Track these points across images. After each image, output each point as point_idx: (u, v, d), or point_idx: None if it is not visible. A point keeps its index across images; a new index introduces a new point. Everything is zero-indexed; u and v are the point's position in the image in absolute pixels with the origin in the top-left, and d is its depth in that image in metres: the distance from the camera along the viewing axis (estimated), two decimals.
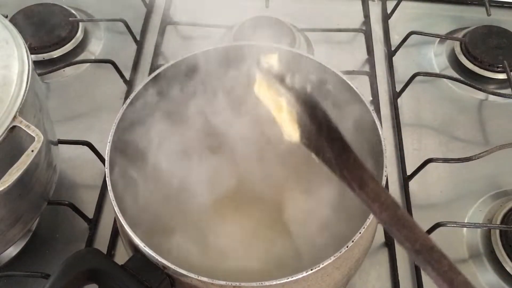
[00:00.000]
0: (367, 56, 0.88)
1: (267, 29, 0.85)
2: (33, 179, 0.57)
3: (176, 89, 0.63)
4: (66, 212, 0.68)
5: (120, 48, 0.89)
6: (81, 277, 0.47)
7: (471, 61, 0.85)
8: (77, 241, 0.68)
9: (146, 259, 0.48)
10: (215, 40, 0.89)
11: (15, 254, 0.67)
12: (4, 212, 0.55)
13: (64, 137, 0.72)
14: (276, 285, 0.46)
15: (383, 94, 0.83)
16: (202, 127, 0.66)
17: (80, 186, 0.74)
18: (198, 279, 0.46)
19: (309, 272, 0.46)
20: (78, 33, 0.88)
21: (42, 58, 0.84)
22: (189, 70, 0.63)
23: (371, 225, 0.50)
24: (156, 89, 0.61)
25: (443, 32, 0.90)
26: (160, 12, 0.93)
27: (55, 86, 0.84)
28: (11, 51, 0.54)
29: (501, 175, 0.75)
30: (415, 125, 0.80)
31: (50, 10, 0.88)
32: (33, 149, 0.50)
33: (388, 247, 0.68)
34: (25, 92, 0.52)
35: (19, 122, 0.50)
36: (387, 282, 0.66)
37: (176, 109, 0.64)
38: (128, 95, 0.71)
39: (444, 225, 0.66)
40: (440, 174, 0.74)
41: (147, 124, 0.62)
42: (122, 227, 0.51)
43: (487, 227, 0.68)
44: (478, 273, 0.66)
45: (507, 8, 0.94)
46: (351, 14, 0.94)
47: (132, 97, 0.58)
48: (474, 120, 0.81)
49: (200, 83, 0.65)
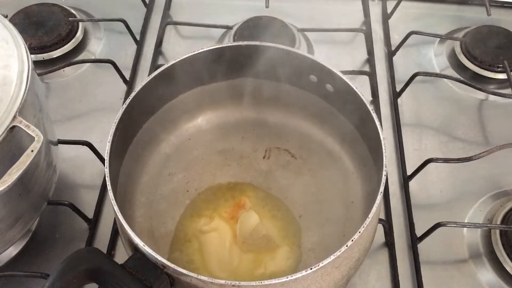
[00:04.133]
0: (367, 56, 0.88)
1: (267, 29, 0.85)
2: (33, 179, 0.57)
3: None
4: (66, 212, 0.68)
5: (120, 48, 0.89)
6: (80, 276, 0.47)
7: (471, 61, 0.85)
8: (77, 241, 0.68)
9: (146, 258, 0.48)
10: (215, 40, 0.89)
11: (15, 254, 0.67)
12: (4, 212, 0.55)
13: (64, 137, 0.72)
14: (275, 284, 0.46)
15: (383, 94, 0.83)
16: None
17: (80, 186, 0.74)
18: (198, 278, 0.46)
19: (309, 272, 0.46)
20: (78, 33, 0.88)
21: (42, 58, 0.84)
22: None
23: (370, 224, 0.50)
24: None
25: (443, 32, 0.90)
26: (160, 12, 0.93)
27: (55, 86, 0.84)
28: (11, 51, 0.54)
29: (501, 175, 0.75)
30: (415, 125, 0.80)
31: (50, 10, 0.88)
32: (33, 149, 0.50)
33: (388, 247, 0.68)
34: (25, 92, 0.52)
35: (19, 122, 0.50)
36: (387, 282, 0.66)
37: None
38: (128, 95, 0.71)
39: (444, 225, 0.66)
40: (440, 174, 0.74)
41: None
42: (122, 227, 0.51)
43: (487, 227, 0.68)
44: (478, 273, 0.66)
45: (507, 8, 0.94)
46: (351, 14, 0.94)
47: (132, 97, 0.59)
48: (474, 120, 0.81)
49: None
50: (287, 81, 0.67)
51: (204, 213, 0.64)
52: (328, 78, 0.62)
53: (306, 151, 0.69)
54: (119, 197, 0.56)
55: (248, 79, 0.68)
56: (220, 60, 0.64)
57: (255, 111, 0.71)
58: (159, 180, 0.67)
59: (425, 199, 0.72)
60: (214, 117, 0.71)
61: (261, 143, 0.70)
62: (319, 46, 0.88)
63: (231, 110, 0.71)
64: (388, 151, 0.76)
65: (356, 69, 0.85)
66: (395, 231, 0.69)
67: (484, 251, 0.67)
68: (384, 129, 0.77)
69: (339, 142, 0.68)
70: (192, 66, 0.63)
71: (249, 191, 0.66)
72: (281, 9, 0.91)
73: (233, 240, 0.61)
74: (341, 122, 0.66)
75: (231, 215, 0.63)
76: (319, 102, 0.66)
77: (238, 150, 0.70)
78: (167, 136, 0.69)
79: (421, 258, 0.66)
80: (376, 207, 0.50)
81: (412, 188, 0.73)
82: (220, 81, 0.68)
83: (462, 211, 0.71)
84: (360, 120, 0.62)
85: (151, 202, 0.65)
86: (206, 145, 0.70)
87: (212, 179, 0.67)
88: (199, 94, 0.68)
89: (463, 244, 0.69)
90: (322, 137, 0.70)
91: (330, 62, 0.61)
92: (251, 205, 0.64)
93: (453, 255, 0.68)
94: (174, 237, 0.63)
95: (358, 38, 0.90)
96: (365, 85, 0.83)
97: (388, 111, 0.81)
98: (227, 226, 0.62)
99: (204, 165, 0.68)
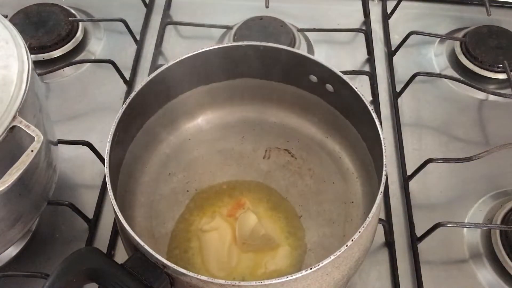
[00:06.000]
0: (367, 56, 0.88)
1: (267, 29, 0.85)
2: (33, 179, 0.57)
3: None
4: (66, 212, 0.68)
5: (120, 48, 0.89)
6: (80, 276, 0.47)
7: (471, 61, 0.85)
8: (77, 241, 0.68)
9: (146, 258, 0.48)
10: (215, 40, 0.89)
11: (15, 254, 0.67)
12: (4, 212, 0.55)
13: (64, 137, 0.72)
14: (275, 284, 0.46)
15: (383, 94, 0.83)
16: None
17: (80, 186, 0.74)
18: (198, 278, 0.46)
19: (309, 271, 0.46)
20: (78, 33, 0.88)
21: (42, 58, 0.84)
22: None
23: (370, 224, 0.50)
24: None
25: (443, 32, 0.90)
26: (160, 12, 0.93)
27: (55, 86, 0.84)
28: (11, 51, 0.54)
29: (501, 175, 0.75)
30: (415, 125, 0.80)
31: (50, 10, 0.88)
32: (33, 149, 0.50)
33: (388, 247, 0.68)
34: (25, 92, 0.52)
35: (19, 122, 0.50)
36: (387, 282, 0.66)
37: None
38: (128, 95, 0.71)
39: (444, 225, 0.65)
40: (440, 174, 0.74)
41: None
42: (122, 227, 0.51)
43: (487, 227, 0.68)
44: (478, 273, 0.66)
45: (507, 8, 0.94)
46: (351, 14, 0.94)
47: (132, 97, 0.59)
48: (474, 120, 0.81)
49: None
50: (287, 81, 0.67)
51: (204, 212, 0.64)
52: (328, 78, 0.62)
53: (306, 151, 0.69)
54: (119, 197, 0.56)
55: (248, 79, 0.68)
56: (220, 60, 0.64)
57: (255, 111, 0.71)
58: (159, 180, 0.67)
59: (425, 199, 0.72)
60: (214, 117, 0.71)
61: (261, 143, 0.70)
62: (319, 46, 0.88)
63: (231, 110, 0.71)
64: (388, 151, 0.76)
65: (356, 69, 0.85)
66: (395, 231, 0.69)
67: (484, 251, 0.67)
68: (384, 129, 0.77)
69: (339, 142, 0.69)
70: (192, 66, 0.63)
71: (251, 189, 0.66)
72: (281, 9, 0.91)
73: (234, 239, 0.61)
74: (341, 122, 0.66)
75: (232, 214, 0.63)
76: (319, 102, 0.66)
77: (238, 150, 0.70)
78: (167, 136, 0.69)
79: (421, 258, 0.66)
80: (376, 207, 0.50)
81: (412, 188, 0.73)
82: (220, 81, 0.68)
83: (462, 211, 0.71)
84: (360, 120, 0.62)
85: (151, 202, 0.65)
86: (206, 145, 0.70)
87: (212, 179, 0.67)
88: (199, 94, 0.68)
89: (463, 244, 0.69)
90: (322, 137, 0.70)
91: (330, 62, 0.61)
92: (250, 205, 0.64)
93: (453, 255, 0.68)
94: (173, 236, 0.63)
95: (358, 38, 0.90)
96: (365, 85, 0.83)
97: (388, 111, 0.81)
98: (228, 226, 0.62)
99: (204, 165, 0.68)
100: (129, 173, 0.64)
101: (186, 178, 0.67)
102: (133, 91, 0.59)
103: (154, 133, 0.67)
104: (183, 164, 0.68)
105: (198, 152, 0.70)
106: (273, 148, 0.70)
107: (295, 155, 0.69)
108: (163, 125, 0.68)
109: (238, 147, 0.70)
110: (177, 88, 0.66)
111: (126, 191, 0.63)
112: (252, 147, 0.70)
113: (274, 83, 0.67)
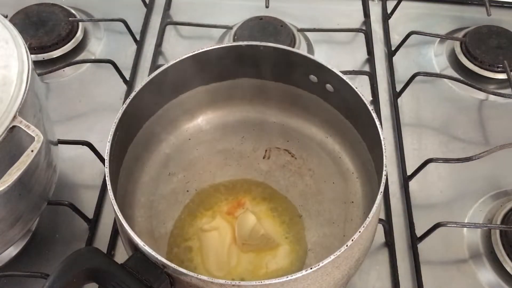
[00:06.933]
0: (367, 56, 0.88)
1: (267, 29, 0.85)
2: (33, 179, 0.57)
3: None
4: (66, 212, 0.68)
5: (120, 48, 0.89)
6: (80, 276, 0.47)
7: (471, 61, 0.85)
8: (77, 241, 0.68)
9: (146, 258, 0.48)
10: (215, 40, 0.89)
11: (15, 254, 0.67)
12: (4, 212, 0.55)
13: (64, 137, 0.72)
14: (275, 284, 0.46)
15: (383, 94, 0.83)
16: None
17: (80, 186, 0.74)
18: (198, 278, 0.46)
19: (309, 271, 0.46)
20: (78, 33, 0.88)
21: (42, 58, 0.84)
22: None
23: (370, 224, 0.50)
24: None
25: (443, 32, 0.90)
26: (160, 12, 0.93)
27: (55, 86, 0.84)
28: (11, 51, 0.54)
29: (501, 175, 0.75)
30: (415, 125, 0.80)
31: (50, 10, 0.88)
32: (33, 149, 0.50)
33: (388, 247, 0.68)
34: (25, 92, 0.52)
35: (19, 122, 0.50)
36: (387, 282, 0.66)
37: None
38: (128, 95, 0.71)
39: (444, 225, 0.65)
40: (440, 174, 0.74)
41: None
42: (122, 227, 0.51)
43: (487, 227, 0.68)
44: (478, 273, 0.66)
45: (507, 8, 0.94)
46: (351, 14, 0.94)
47: (132, 97, 0.59)
48: (474, 120, 0.81)
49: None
50: (286, 81, 0.67)
51: (204, 212, 0.64)
52: (328, 78, 0.62)
53: (306, 151, 0.69)
54: (119, 197, 0.56)
55: (248, 79, 0.68)
56: (220, 60, 0.64)
57: (255, 111, 0.71)
58: (159, 180, 0.67)
59: (425, 199, 0.72)
60: (214, 117, 0.71)
61: (261, 143, 0.70)
62: (319, 46, 0.88)
63: (231, 110, 0.71)
64: (388, 151, 0.76)
65: (356, 69, 0.85)
66: (395, 231, 0.69)
67: (484, 251, 0.67)
68: (384, 129, 0.77)
69: (339, 142, 0.69)
70: (192, 66, 0.63)
71: (251, 189, 0.66)
72: (281, 9, 0.91)
73: (234, 239, 0.61)
74: (341, 122, 0.66)
75: (231, 212, 0.63)
76: (319, 102, 0.66)
77: (238, 150, 0.70)
78: (167, 136, 0.69)
79: (421, 258, 0.66)
80: (376, 207, 0.50)
81: (412, 188, 0.73)
82: (220, 81, 0.68)
83: (462, 211, 0.71)
84: (360, 120, 0.62)
85: (151, 202, 0.65)
86: (206, 145, 0.70)
87: (212, 179, 0.67)
88: (199, 94, 0.68)
89: (463, 244, 0.69)
90: (322, 137, 0.70)
91: (330, 62, 0.61)
92: (250, 204, 0.64)
93: (453, 255, 0.68)
94: (173, 236, 0.63)
95: (358, 38, 0.90)
96: (365, 85, 0.83)
97: (388, 111, 0.81)
98: (228, 225, 0.62)
99: (204, 165, 0.68)
100: (129, 173, 0.64)
101: (186, 178, 0.67)
102: (133, 91, 0.59)
103: (154, 133, 0.67)
104: (183, 164, 0.68)
105: (198, 152, 0.70)
106: (273, 148, 0.70)
107: (295, 155, 0.69)
108: (163, 125, 0.68)
109: (238, 147, 0.70)
110: (177, 88, 0.66)
111: (126, 191, 0.63)
112: (252, 147, 0.70)
113: (274, 83, 0.67)
